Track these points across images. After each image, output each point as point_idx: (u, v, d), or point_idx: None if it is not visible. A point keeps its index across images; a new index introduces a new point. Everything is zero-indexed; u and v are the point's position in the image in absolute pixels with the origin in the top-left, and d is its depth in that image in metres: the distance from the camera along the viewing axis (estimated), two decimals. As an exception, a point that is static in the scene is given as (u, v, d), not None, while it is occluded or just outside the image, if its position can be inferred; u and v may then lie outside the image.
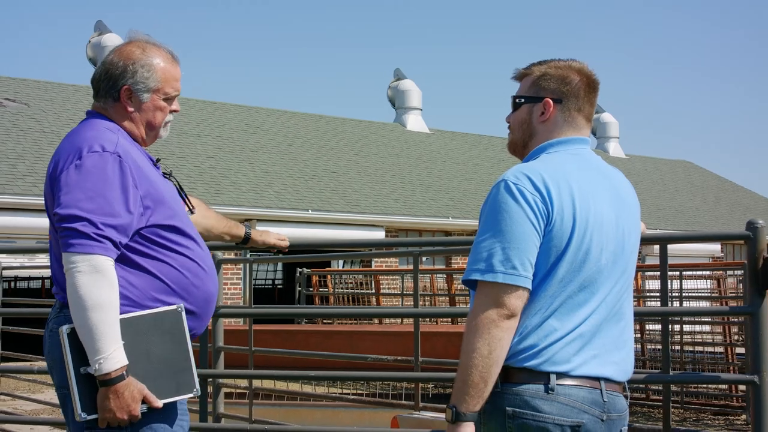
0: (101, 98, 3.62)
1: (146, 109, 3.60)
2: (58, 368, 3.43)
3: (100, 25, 27.95)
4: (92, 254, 3.23)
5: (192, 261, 3.52)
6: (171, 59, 3.68)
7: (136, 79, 3.56)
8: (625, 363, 3.07)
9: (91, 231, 3.25)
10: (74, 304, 3.23)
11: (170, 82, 3.64)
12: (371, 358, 6.03)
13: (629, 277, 3.13)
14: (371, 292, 18.31)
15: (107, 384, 3.23)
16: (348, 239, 22.25)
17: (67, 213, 3.27)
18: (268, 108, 31.25)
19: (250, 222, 21.32)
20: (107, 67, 3.61)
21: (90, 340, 3.21)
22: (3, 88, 25.00)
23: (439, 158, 31.48)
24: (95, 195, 3.29)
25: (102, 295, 3.21)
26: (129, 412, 3.27)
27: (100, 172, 3.33)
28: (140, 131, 3.63)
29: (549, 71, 3.21)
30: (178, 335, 3.42)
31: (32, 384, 13.02)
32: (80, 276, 3.21)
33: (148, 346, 3.36)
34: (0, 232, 18.33)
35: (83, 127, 3.53)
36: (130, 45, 3.65)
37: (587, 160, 3.15)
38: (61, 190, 3.33)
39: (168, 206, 3.50)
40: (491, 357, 2.84)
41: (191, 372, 3.47)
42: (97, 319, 3.20)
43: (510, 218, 2.91)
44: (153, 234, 3.43)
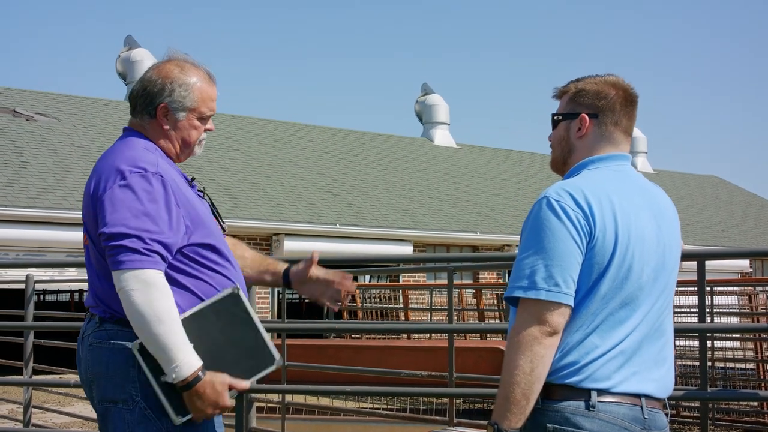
0: (138, 114, 3.67)
1: (182, 127, 3.65)
2: (100, 382, 3.48)
3: (129, 40, 28.11)
4: (143, 269, 3.29)
5: (228, 279, 3.57)
6: (208, 79, 3.72)
7: (174, 97, 3.62)
8: (666, 380, 3.06)
9: (140, 246, 3.30)
10: (136, 321, 3.29)
11: (206, 102, 3.69)
12: (405, 374, 6.02)
13: (670, 294, 3.12)
14: (400, 307, 18.29)
15: (187, 388, 3.33)
16: (376, 254, 22.28)
17: (115, 231, 3.32)
18: (296, 122, 31.33)
19: (278, 236, 21.37)
20: (145, 84, 3.66)
21: (160, 352, 3.29)
22: (34, 102, 25.17)
23: (466, 173, 31.46)
24: (141, 213, 3.34)
25: (159, 307, 3.27)
26: (216, 405, 3.39)
27: (145, 191, 3.37)
28: (175, 148, 3.68)
29: (585, 87, 3.22)
30: (242, 315, 3.50)
31: (62, 397, 13.07)
32: (135, 293, 3.26)
33: (217, 335, 3.44)
34: (31, 246, 18.44)
35: (121, 147, 3.57)
36: (168, 63, 3.70)
37: (628, 176, 3.15)
38: (107, 210, 3.37)
39: (205, 225, 3.54)
40: (533, 374, 2.83)
41: (266, 345, 3.53)
42: (161, 331, 3.27)
43: (552, 235, 2.91)
44: (192, 252, 3.48)
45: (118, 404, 3.44)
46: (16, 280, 16.36)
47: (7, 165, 20.06)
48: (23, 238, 18.27)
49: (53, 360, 12.14)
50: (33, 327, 8.57)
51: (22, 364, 9.35)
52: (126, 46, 28.08)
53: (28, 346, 9.22)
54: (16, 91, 25.69)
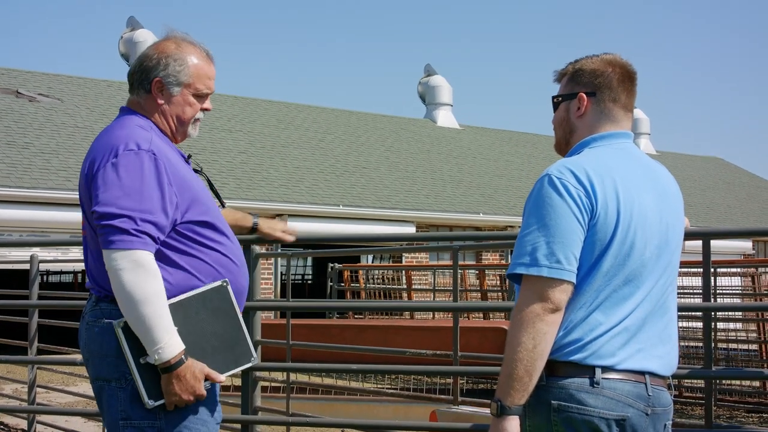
0: (135, 91, 3.69)
1: (176, 102, 3.66)
2: (95, 361, 3.52)
3: (132, 20, 28.08)
4: (133, 249, 3.30)
5: (224, 256, 3.58)
6: (205, 57, 3.73)
7: (168, 71, 3.63)
8: (670, 357, 3.08)
9: (130, 227, 3.31)
10: (123, 300, 3.30)
11: (202, 79, 3.69)
12: (409, 353, 6.03)
13: (673, 272, 3.13)
14: (403, 288, 18.29)
15: (169, 370, 3.33)
16: (378, 234, 22.30)
17: (106, 210, 3.33)
18: (299, 103, 31.28)
19: (281, 217, 21.40)
20: (142, 60, 3.68)
21: (144, 332, 3.30)
22: (37, 83, 25.16)
23: (469, 154, 31.44)
24: (133, 192, 3.35)
25: (147, 288, 3.28)
26: (193, 393, 3.39)
27: (137, 170, 3.38)
28: (170, 125, 3.68)
29: (582, 67, 3.24)
30: (227, 310, 3.52)
31: (67, 376, 13.11)
32: (124, 273, 3.27)
33: (200, 325, 3.46)
34: (34, 226, 18.45)
35: (116, 125, 3.58)
36: (166, 41, 3.72)
37: (631, 154, 3.16)
38: (99, 189, 3.38)
39: (201, 202, 3.55)
40: (536, 351, 2.85)
41: (246, 342, 3.57)
42: (148, 311, 3.27)
43: (554, 212, 2.92)
44: (187, 230, 3.49)
45: (111, 383, 3.46)
46: (21, 260, 16.40)
47: (10, 146, 20.06)
48: (27, 218, 18.28)
49: (58, 339, 12.18)
50: (38, 305, 8.58)
51: (26, 344, 9.38)
52: (129, 27, 28.04)
53: (32, 326, 9.25)
54: (19, 72, 25.67)
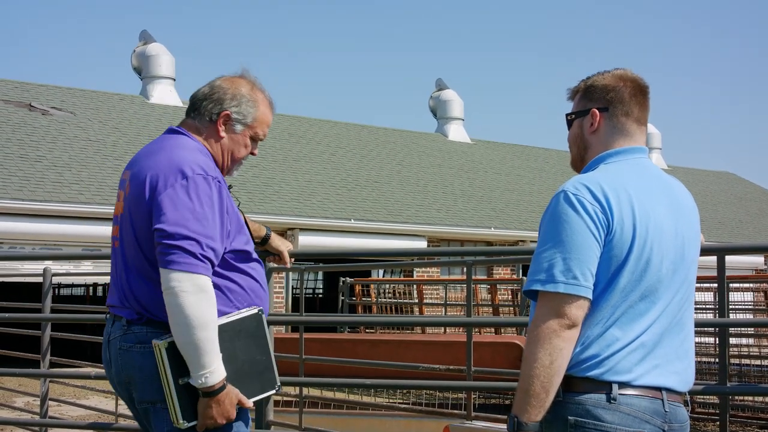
0: (197, 116, 3.75)
1: (236, 140, 3.76)
2: (138, 385, 3.55)
3: (145, 34, 28.13)
4: (197, 273, 3.34)
5: (255, 281, 3.66)
6: (270, 105, 3.87)
7: (240, 109, 3.74)
8: (687, 373, 3.07)
9: (197, 251, 3.36)
10: (180, 322, 3.33)
11: (263, 126, 3.83)
12: (423, 367, 6.03)
13: (690, 287, 3.13)
14: (414, 302, 18.28)
15: (211, 395, 3.38)
16: (391, 249, 22.30)
17: (175, 231, 3.37)
18: (310, 117, 31.34)
19: (293, 231, 21.40)
20: (215, 89, 3.76)
21: (196, 356, 3.34)
22: (50, 96, 25.25)
23: (480, 168, 31.43)
24: (201, 217, 3.41)
25: (207, 314, 3.34)
26: (228, 417, 3.44)
27: (206, 195, 3.44)
28: (224, 159, 3.76)
29: (593, 83, 3.25)
30: (260, 337, 3.58)
31: (78, 390, 13.12)
32: (186, 295, 3.31)
33: (234, 350, 3.50)
34: (47, 240, 18.49)
35: (175, 144, 3.62)
36: (241, 78, 3.83)
37: (646, 169, 3.16)
38: (167, 207, 3.41)
39: (244, 233, 3.65)
40: (552, 367, 2.84)
41: (273, 370, 3.63)
42: (204, 336, 3.32)
43: (570, 228, 2.92)
44: (230, 257, 3.56)
45: (157, 404, 3.51)
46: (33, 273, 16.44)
47: (23, 159, 20.12)
48: (39, 231, 18.31)
49: (70, 352, 12.21)
50: (51, 319, 8.61)
51: (39, 357, 9.40)
52: (141, 41, 28.09)
53: (45, 339, 9.25)
54: (32, 85, 25.77)
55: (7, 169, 19.32)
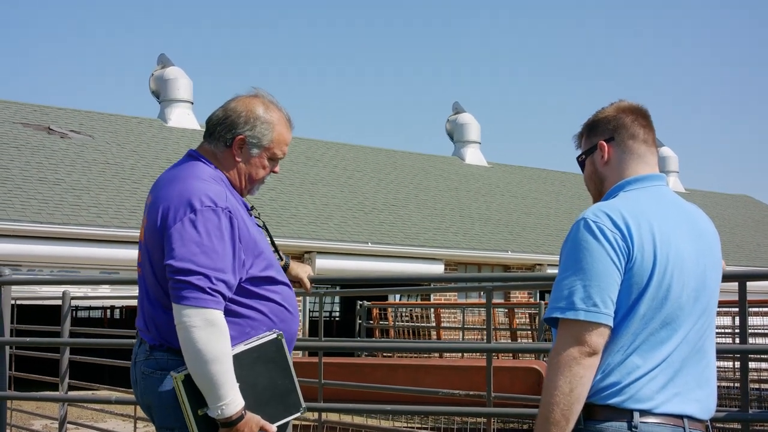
0: (213, 141, 3.73)
1: (253, 163, 3.74)
2: (157, 411, 3.59)
3: (163, 58, 28.27)
4: (206, 308, 3.36)
5: (280, 306, 3.65)
6: (287, 124, 3.83)
7: (254, 132, 3.70)
8: (708, 401, 3.06)
9: (206, 285, 3.37)
10: (192, 357, 3.35)
11: (281, 145, 3.80)
12: (442, 393, 6.02)
13: (711, 314, 3.12)
14: (432, 326, 18.25)
15: (229, 425, 3.41)
16: (408, 273, 22.26)
17: (183, 266, 3.38)
18: (327, 141, 31.43)
19: (310, 254, 21.41)
20: (228, 113, 3.73)
21: (211, 389, 3.36)
22: (68, 120, 25.39)
23: (497, 192, 31.43)
24: (209, 251, 3.41)
25: (218, 348, 3.35)
26: None
27: (215, 228, 3.44)
28: (241, 181, 3.75)
29: (594, 120, 3.30)
30: (280, 361, 3.58)
31: (96, 413, 13.13)
32: (196, 330, 3.33)
33: (255, 377, 3.51)
34: (65, 262, 18.54)
35: (189, 173, 3.61)
36: (254, 99, 3.78)
37: (665, 196, 3.16)
38: (176, 243, 3.42)
39: (264, 258, 3.62)
40: (572, 395, 2.84)
41: (296, 392, 3.63)
42: (217, 370, 3.34)
43: (590, 256, 2.92)
44: (250, 284, 3.56)
45: (175, 430, 3.54)
46: (52, 296, 16.48)
47: (42, 182, 20.22)
48: (58, 254, 18.38)
49: (88, 376, 12.23)
50: (70, 343, 8.63)
51: (57, 380, 9.42)
52: (159, 65, 28.23)
53: (64, 362, 9.27)
54: (50, 108, 25.92)
55: (26, 192, 19.42)
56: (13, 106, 25.13)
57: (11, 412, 11.68)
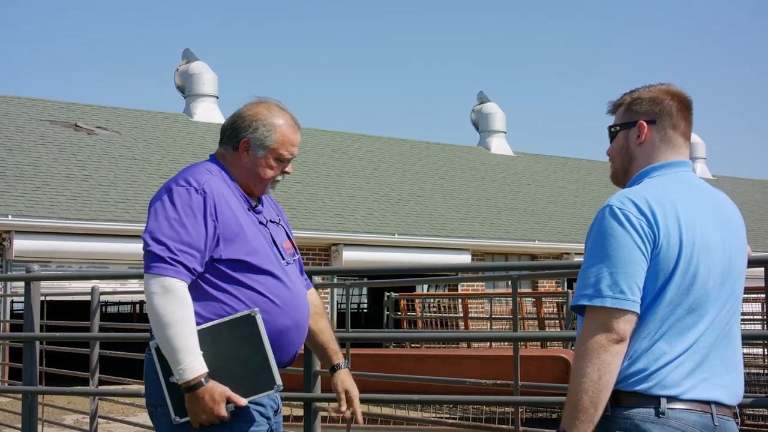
0: (224, 144, 3.94)
1: (258, 164, 3.87)
2: (147, 386, 3.76)
3: (187, 53, 28.33)
4: (165, 276, 3.53)
5: (261, 296, 3.72)
6: (292, 125, 3.94)
7: (256, 135, 3.86)
8: (735, 386, 3.05)
9: (166, 255, 3.55)
10: (152, 322, 3.54)
11: (286, 146, 3.90)
12: (470, 382, 6.03)
13: (737, 300, 3.12)
14: (459, 316, 18.24)
15: (189, 390, 3.53)
16: (434, 263, 22.25)
17: (149, 238, 3.60)
18: (352, 133, 31.42)
19: (337, 246, 21.44)
20: (235, 118, 3.94)
21: (169, 353, 3.53)
22: (95, 116, 25.51)
23: (523, 181, 31.37)
24: (175, 223, 3.60)
25: (174, 313, 3.51)
26: (211, 413, 3.55)
27: (184, 203, 3.62)
28: (247, 181, 3.89)
29: (640, 96, 3.25)
30: (254, 338, 3.65)
31: (127, 407, 13.22)
32: (154, 297, 3.53)
33: (226, 351, 3.63)
34: (94, 258, 18.66)
35: (189, 167, 3.83)
36: (260, 104, 3.96)
37: (691, 182, 3.16)
38: (149, 218, 3.67)
39: (246, 243, 3.71)
40: (601, 382, 2.84)
41: (271, 370, 3.68)
42: (172, 334, 3.50)
43: (616, 243, 2.92)
44: (226, 267, 3.68)
45: (158, 408, 3.70)
46: (81, 291, 16.60)
47: (69, 178, 20.33)
48: (86, 250, 18.49)
49: (118, 370, 12.30)
50: (100, 338, 8.70)
51: (88, 375, 9.49)
52: (184, 60, 28.29)
53: (94, 357, 9.35)
54: (77, 105, 26.05)
55: (54, 188, 19.54)
56: (40, 104, 25.27)
57: (43, 407, 11.78)
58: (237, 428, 3.66)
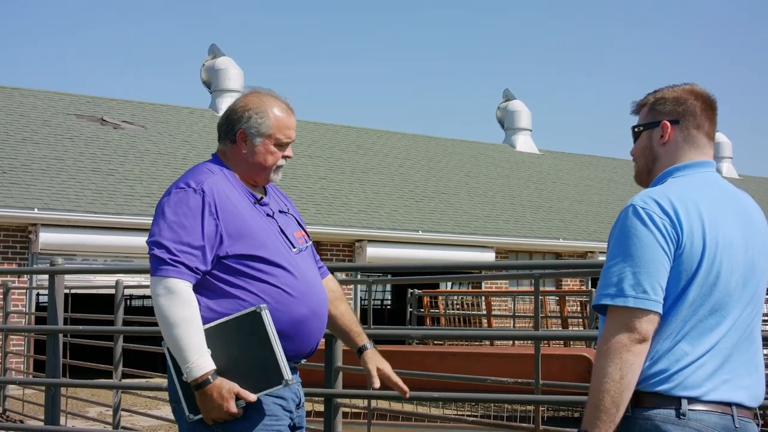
0: (222, 140, 4.00)
1: (258, 152, 3.93)
2: (168, 381, 3.83)
3: (214, 48, 28.39)
4: (167, 277, 3.60)
5: (274, 287, 3.74)
6: (285, 109, 4.00)
7: (251, 123, 3.91)
8: (756, 388, 3.04)
9: (167, 257, 3.61)
10: (160, 324, 3.61)
11: (282, 130, 3.96)
12: (491, 380, 6.03)
13: (760, 301, 3.11)
14: (482, 314, 18.23)
15: (198, 388, 3.58)
16: (459, 260, 22.23)
17: (150, 241, 3.67)
18: (378, 129, 31.42)
19: (361, 243, 21.46)
20: (228, 113, 4.00)
21: (176, 352, 3.59)
22: (121, 111, 25.61)
23: (549, 179, 31.30)
24: (174, 225, 3.66)
25: (179, 313, 3.57)
26: (220, 410, 3.58)
27: (182, 205, 3.69)
28: (250, 172, 3.95)
29: (664, 96, 3.24)
30: (261, 334, 3.67)
31: (150, 400, 13.27)
32: (159, 298, 3.60)
33: (234, 348, 3.67)
34: (119, 252, 18.73)
35: (190, 169, 3.90)
36: (250, 95, 4.02)
37: (715, 183, 3.15)
38: (152, 224, 3.73)
39: (252, 237, 3.75)
40: (623, 382, 2.84)
41: (278, 365, 3.70)
42: (178, 334, 3.56)
43: (639, 242, 2.91)
44: (236, 263, 3.71)
45: (179, 404, 3.74)
46: (106, 285, 16.68)
47: (95, 172, 20.42)
48: (111, 244, 18.57)
49: (142, 363, 12.36)
50: (123, 331, 8.76)
51: (111, 368, 9.55)
52: (210, 55, 28.35)
53: (117, 350, 9.41)
54: (103, 99, 26.16)
55: (80, 182, 19.63)
56: (67, 98, 25.39)
57: (67, 399, 11.85)
58: (257, 421, 3.69)
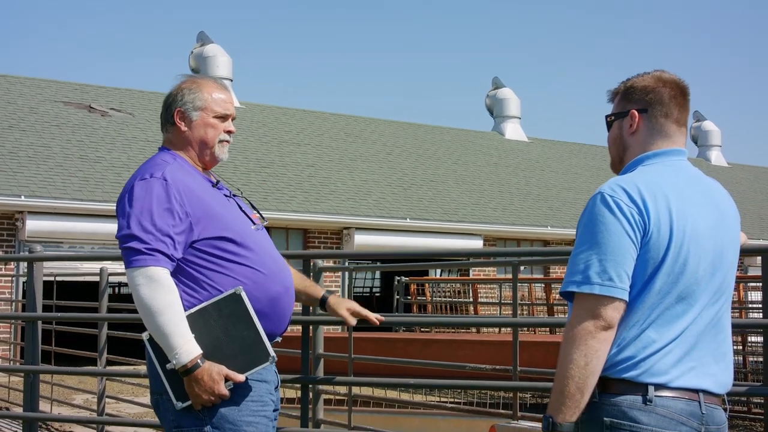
0: (164, 128, 4.07)
1: (197, 126, 3.99)
2: (150, 374, 3.83)
3: (202, 35, 28.31)
4: (146, 266, 3.61)
5: (249, 268, 3.79)
6: (217, 85, 4.10)
7: (185, 101, 3.99)
8: (724, 375, 3.06)
9: (142, 246, 3.62)
10: (142, 314, 3.61)
11: (217, 102, 4.01)
12: (469, 367, 6.05)
13: (728, 290, 3.12)
14: (469, 301, 18.25)
15: (187, 374, 3.59)
16: (446, 248, 22.25)
17: (121, 235, 3.69)
18: (366, 117, 31.40)
19: (349, 230, 21.48)
20: (165, 100, 4.07)
21: (162, 340, 3.60)
22: (109, 98, 25.56)
23: (537, 167, 31.32)
24: (142, 215, 3.67)
25: (161, 300, 3.59)
26: (212, 393, 3.62)
27: (147, 195, 3.71)
28: (196, 151, 4.00)
29: (633, 84, 3.25)
30: (242, 315, 3.72)
31: (135, 388, 13.29)
32: (140, 288, 3.60)
33: (218, 331, 3.70)
34: (106, 240, 18.69)
35: (145, 163, 3.93)
36: (182, 80, 4.10)
37: (684, 171, 3.15)
38: (118, 218, 3.76)
39: (219, 219, 3.79)
40: (588, 368, 2.86)
41: (262, 343, 3.75)
42: (162, 321, 3.57)
43: (606, 230, 2.93)
44: (207, 246, 3.75)
45: (163, 395, 3.75)
46: (92, 272, 16.67)
47: (83, 160, 20.40)
48: (98, 231, 18.54)
49: (127, 350, 12.37)
50: (106, 318, 8.76)
51: (96, 355, 9.55)
52: (199, 42, 28.27)
53: (102, 338, 9.41)
54: (91, 87, 26.09)
55: (67, 170, 19.61)
56: (54, 85, 25.32)
57: (52, 386, 11.87)
58: (244, 406, 3.73)
